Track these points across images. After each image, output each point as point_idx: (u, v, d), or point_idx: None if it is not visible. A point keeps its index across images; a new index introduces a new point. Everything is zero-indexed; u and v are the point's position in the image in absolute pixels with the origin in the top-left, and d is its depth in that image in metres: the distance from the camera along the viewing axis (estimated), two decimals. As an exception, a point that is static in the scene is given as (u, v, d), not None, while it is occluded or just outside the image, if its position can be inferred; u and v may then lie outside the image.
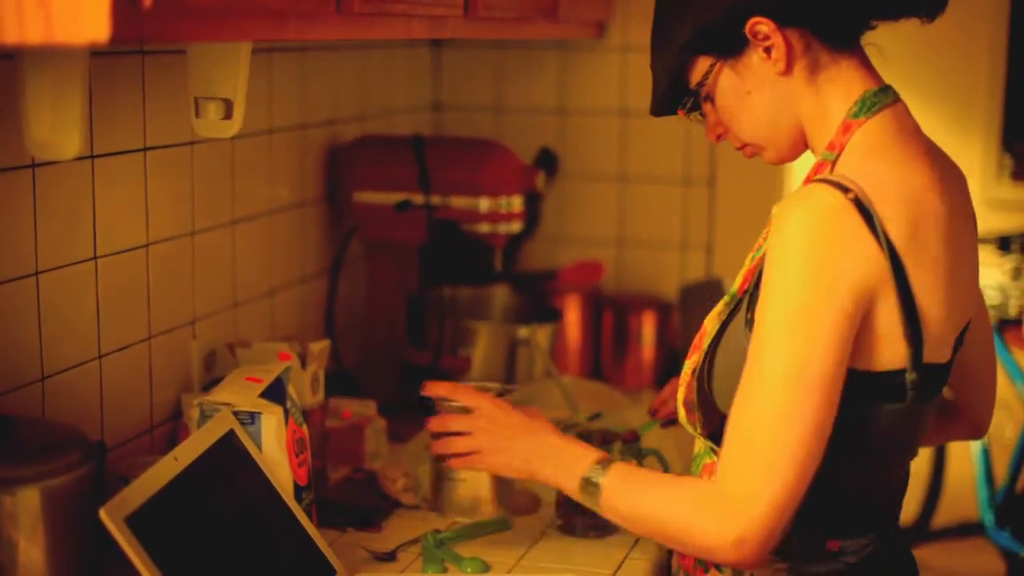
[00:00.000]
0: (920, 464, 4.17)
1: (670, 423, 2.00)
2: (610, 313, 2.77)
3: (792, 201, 1.44)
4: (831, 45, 1.53)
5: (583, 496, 1.59)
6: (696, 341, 1.58)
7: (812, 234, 1.41)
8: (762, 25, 1.50)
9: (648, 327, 2.76)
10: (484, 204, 2.43)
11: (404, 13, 1.79)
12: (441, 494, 1.89)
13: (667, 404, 1.99)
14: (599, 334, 2.80)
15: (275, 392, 1.72)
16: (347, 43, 2.56)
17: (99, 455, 1.49)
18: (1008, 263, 3.95)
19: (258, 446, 1.67)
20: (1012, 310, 3.92)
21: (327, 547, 1.68)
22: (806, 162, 1.62)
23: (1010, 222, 4.33)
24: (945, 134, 4.58)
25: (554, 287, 2.79)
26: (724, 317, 1.56)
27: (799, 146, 1.59)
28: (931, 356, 1.48)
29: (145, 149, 1.91)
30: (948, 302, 1.47)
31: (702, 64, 1.57)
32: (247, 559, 1.56)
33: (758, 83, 1.54)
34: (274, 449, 1.67)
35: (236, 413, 1.66)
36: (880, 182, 1.44)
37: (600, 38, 2.85)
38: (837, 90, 1.53)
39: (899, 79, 1.63)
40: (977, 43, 4.73)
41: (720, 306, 1.57)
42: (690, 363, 1.57)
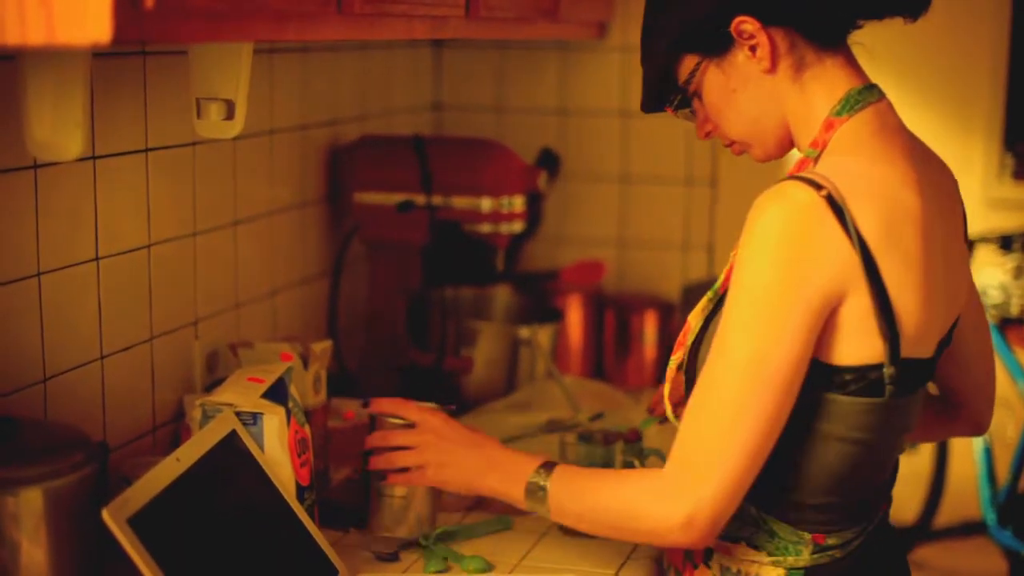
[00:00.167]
0: (922, 464, 4.20)
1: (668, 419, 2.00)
2: (612, 313, 2.77)
3: (765, 197, 1.45)
4: (816, 44, 1.54)
5: (531, 502, 1.60)
6: (680, 337, 1.59)
7: (782, 230, 1.42)
8: (747, 24, 1.51)
9: (650, 327, 2.76)
10: (486, 204, 2.43)
11: (405, 14, 1.79)
12: (378, 511, 1.76)
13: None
14: (601, 334, 2.79)
15: (277, 393, 1.73)
16: (348, 43, 2.56)
17: (101, 456, 1.49)
18: (1010, 262, 3.94)
19: (260, 447, 1.67)
20: (1014, 309, 3.91)
21: (329, 547, 1.68)
22: (807, 161, 1.62)
23: (1012, 221, 4.33)
24: (946, 133, 4.61)
25: (556, 287, 2.78)
26: (708, 313, 1.57)
27: (785, 143, 1.60)
28: (910, 351, 1.48)
29: (147, 150, 1.91)
30: (926, 298, 1.48)
31: (689, 62, 1.58)
32: (249, 559, 1.56)
33: (744, 81, 1.55)
34: (276, 450, 1.67)
35: (238, 414, 1.66)
36: (855, 178, 1.46)
37: (601, 38, 2.85)
38: (822, 88, 1.54)
39: (901, 79, 1.64)
40: (979, 42, 4.72)
41: (703, 302, 1.58)
42: (675, 359, 1.59)
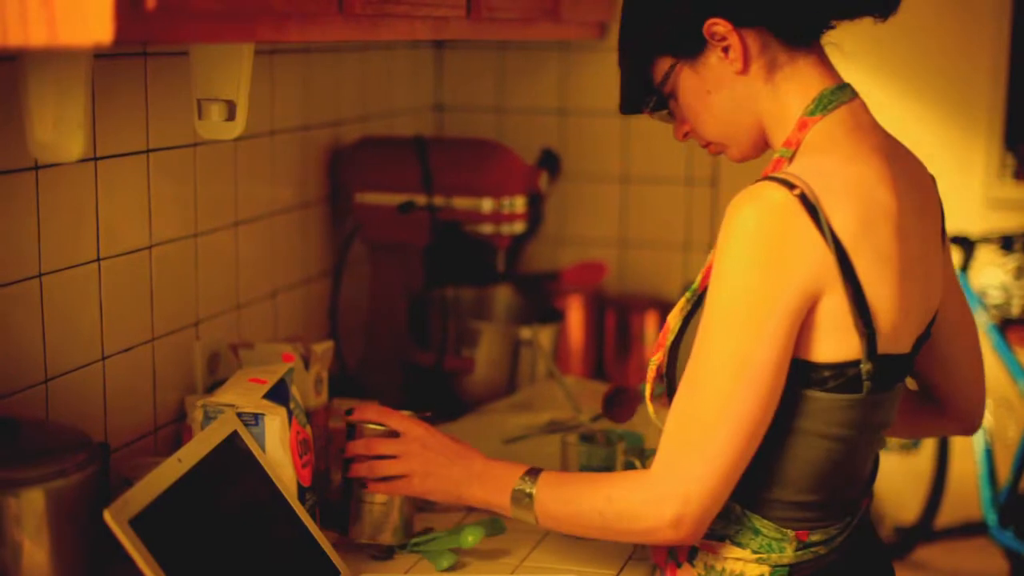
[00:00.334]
0: (923, 464, 4.20)
1: None
2: (612, 313, 2.77)
3: (740, 198, 1.46)
4: (788, 44, 1.55)
5: (517, 510, 1.60)
6: (660, 338, 1.60)
7: (757, 230, 1.43)
8: (719, 26, 1.52)
9: (650, 327, 2.76)
10: (487, 205, 2.43)
11: (406, 14, 1.79)
12: (359, 518, 1.74)
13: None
14: (602, 334, 2.80)
15: (278, 393, 1.73)
16: (349, 44, 2.56)
17: (103, 457, 1.49)
18: (1011, 263, 3.94)
19: (262, 447, 1.67)
20: (1015, 309, 3.91)
21: (331, 548, 1.68)
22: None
23: (1012, 221, 4.33)
24: (947, 134, 4.61)
25: (557, 288, 2.79)
26: (687, 313, 1.58)
27: (760, 144, 1.61)
28: (887, 347, 1.50)
29: (148, 151, 1.91)
30: (902, 294, 1.49)
31: (663, 64, 1.59)
32: (251, 560, 1.57)
33: (717, 83, 1.56)
34: (278, 450, 1.67)
35: (240, 414, 1.66)
36: (829, 177, 1.47)
37: (602, 39, 2.85)
38: (795, 88, 1.55)
39: (902, 79, 1.64)
40: (979, 43, 4.72)
41: (682, 302, 1.59)
42: (655, 360, 1.60)
